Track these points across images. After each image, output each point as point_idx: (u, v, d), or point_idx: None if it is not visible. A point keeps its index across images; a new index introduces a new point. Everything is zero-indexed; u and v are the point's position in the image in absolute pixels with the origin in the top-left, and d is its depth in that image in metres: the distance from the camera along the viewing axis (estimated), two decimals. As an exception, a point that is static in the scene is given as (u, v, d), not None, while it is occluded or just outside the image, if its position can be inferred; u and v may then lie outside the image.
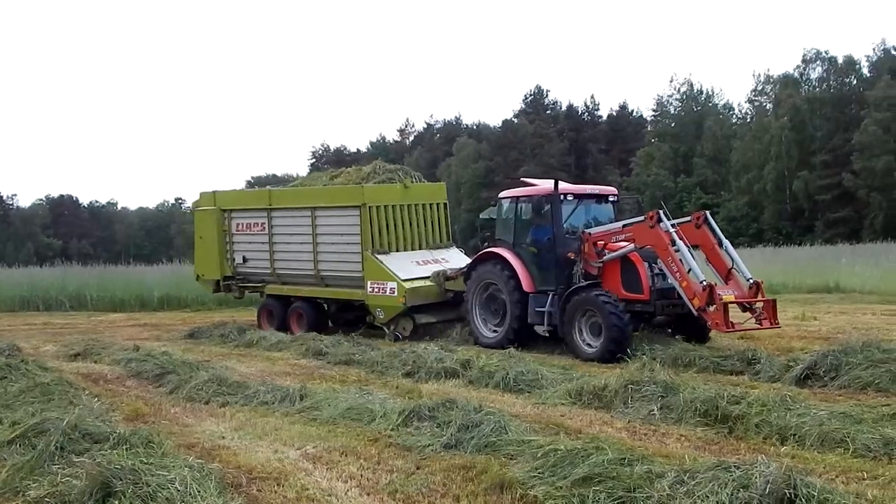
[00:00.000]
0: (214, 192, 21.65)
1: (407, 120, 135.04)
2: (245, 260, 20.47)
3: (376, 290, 17.51)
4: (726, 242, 14.11)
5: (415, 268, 17.82)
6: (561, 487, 6.57)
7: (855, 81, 71.95)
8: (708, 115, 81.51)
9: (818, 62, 73.31)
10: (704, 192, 72.51)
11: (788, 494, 5.52)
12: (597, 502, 6.22)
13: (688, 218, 14.53)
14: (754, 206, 69.64)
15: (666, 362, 12.21)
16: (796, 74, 74.23)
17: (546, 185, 16.30)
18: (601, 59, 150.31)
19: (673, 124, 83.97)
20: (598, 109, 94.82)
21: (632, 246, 14.28)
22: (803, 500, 5.46)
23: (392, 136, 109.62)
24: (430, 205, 19.27)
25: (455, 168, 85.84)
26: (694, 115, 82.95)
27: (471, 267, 16.63)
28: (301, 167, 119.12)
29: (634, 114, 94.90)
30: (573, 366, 13.34)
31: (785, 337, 14.13)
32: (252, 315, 22.82)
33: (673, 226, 13.82)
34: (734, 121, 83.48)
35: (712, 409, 9.05)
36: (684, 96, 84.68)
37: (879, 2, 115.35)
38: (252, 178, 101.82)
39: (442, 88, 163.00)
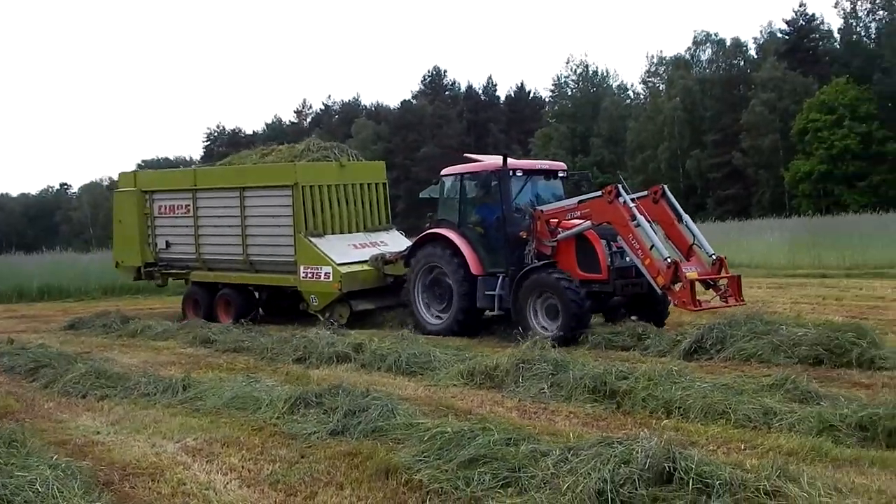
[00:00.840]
0: (135, 173, 20.64)
1: (304, 101, 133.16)
2: (168, 245, 19.35)
3: (310, 275, 16.52)
4: (686, 217, 13.61)
5: (351, 251, 16.89)
6: (446, 470, 6.47)
7: (743, 63, 74.23)
8: (604, 96, 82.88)
9: (708, 44, 75.61)
10: (601, 172, 73.81)
11: (668, 468, 5.53)
12: (481, 483, 6.15)
13: (644, 192, 13.92)
14: (649, 185, 70.86)
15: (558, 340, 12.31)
16: (687, 56, 76.39)
17: (492, 160, 15.47)
18: (499, 39, 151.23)
19: (570, 105, 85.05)
20: (496, 90, 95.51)
21: (588, 223, 13.63)
22: (682, 472, 5.47)
23: (289, 117, 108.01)
24: (368, 184, 18.28)
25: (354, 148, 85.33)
26: (590, 95, 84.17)
27: (412, 249, 15.72)
28: (195, 150, 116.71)
29: (533, 94, 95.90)
30: (467, 346, 13.34)
31: (675, 311, 14.34)
32: (138, 304, 22.20)
33: (632, 200, 13.24)
34: (629, 101, 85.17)
35: (600, 385, 9.12)
36: (580, 77, 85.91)
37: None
38: (143, 161, 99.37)
39: (339, 68, 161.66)
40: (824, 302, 17.16)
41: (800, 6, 70.26)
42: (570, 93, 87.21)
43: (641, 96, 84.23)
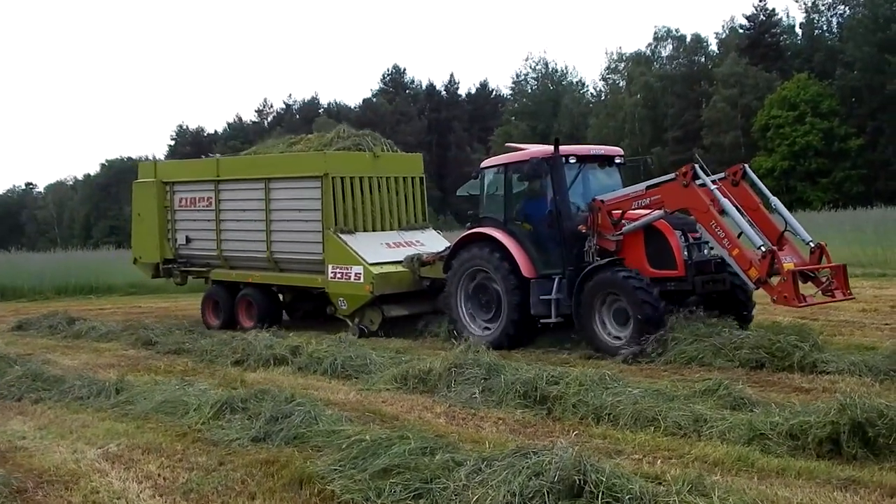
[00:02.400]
0: (155, 162, 19.74)
1: (265, 100, 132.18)
2: (188, 240, 17.82)
3: (339, 275, 14.93)
4: (775, 200, 12.17)
5: (384, 251, 15.26)
6: (359, 480, 6.35)
7: (704, 59, 74.58)
8: (564, 93, 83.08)
9: (669, 40, 75.71)
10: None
11: (578, 481, 5.42)
12: (392, 495, 6.02)
13: (721, 174, 12.21)
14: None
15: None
16: (648, 52, 76.55)
17: (539, 148, 13.85)
18: (460, 37, 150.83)
19: (530, 103, 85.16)
20: (457, 88, 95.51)
21: (660, 212, 11.99)
22: (592, 486, 5.37)
23: (250, 116, 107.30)
24: (404, 178, 16.59)
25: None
26: (550, 93, 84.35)
27: (452, 252, 13.86)
28: (159, 149, 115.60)
29: (495, 92, 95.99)
30: (406, 349, 13.18)
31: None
32: (90, 304, 21.78)
33: (713, 182, 11.70)
34: (590, 99, 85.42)
35: (531, 390, 9.00)
36: (540, 74, 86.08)
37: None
38: (107, 161, 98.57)
39: (299, 67, 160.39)
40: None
41: (760, 1, 70.72)
42: (530, 90, 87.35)
43: (602, 93, 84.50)
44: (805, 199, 54.75)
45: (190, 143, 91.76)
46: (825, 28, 70.70)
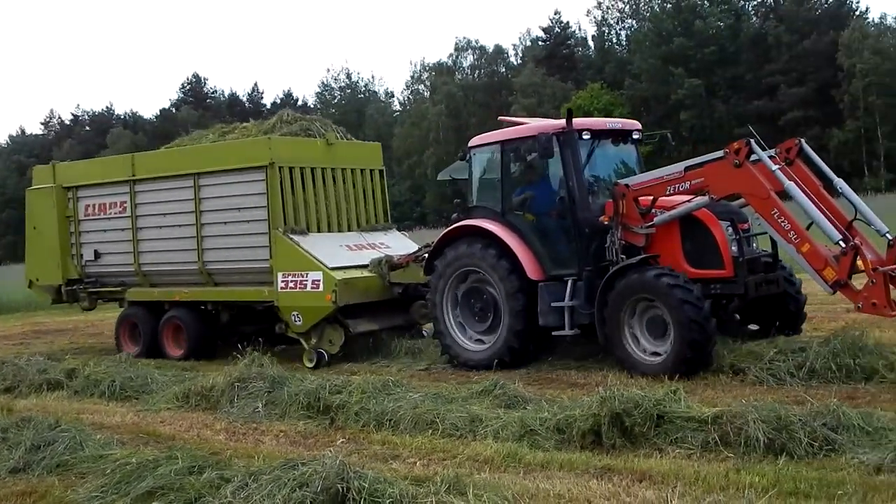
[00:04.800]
0: (53, 164, 16.21)
1: (51, 111, 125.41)
2: (98, 255, 14.84)
3: (291, 284, 12.30)
4: (840, 182, 9.87)
5: (345, 253, 12.84)
6: (120, 505, 6.12)
7: (504, 69, 77.24)
8: (369, 103, 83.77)
9: (469, 50, 78.04)
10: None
11: (341, 489, 5.45)
12: (156, 518, 5.84)
13: (771, 151, 9.74)
14: (417, 191, 72.57)
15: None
16: (450, 62, 78.50)
17: (543, 122, 11.45)
18: (263, 46, 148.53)
19: (336, 113, 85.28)
20: (262, 98, 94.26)
21: (704, 199, 9.82)
22: (355, 492, 5.42)
23: (34, 129, 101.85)
24: (361, 170, 14.14)
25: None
26: (356, 102, 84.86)
27: (436, 250, 11.50)
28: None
29: (301, 101, 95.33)
30: (192, 366, 12.80)
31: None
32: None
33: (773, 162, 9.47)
34: (395, 108, 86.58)
35: (314, 400, 8.96)
36: (344, 84, 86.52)
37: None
38: None
39: (89, 77, 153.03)
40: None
41: (555, 14, 74.03)
42: (335, 101, 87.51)
43: (406, 103, 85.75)
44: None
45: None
46: (615, 41, 74.84)
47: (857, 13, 66.22)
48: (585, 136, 10.74)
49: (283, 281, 12.38)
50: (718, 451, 6.68)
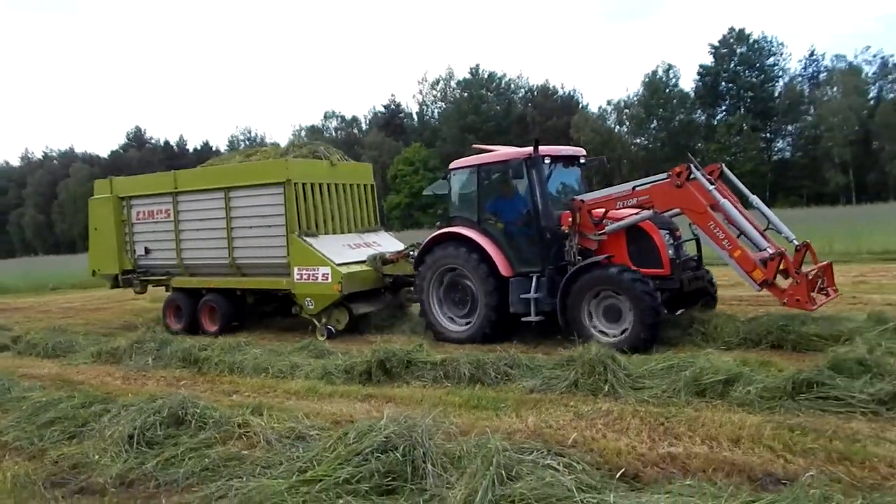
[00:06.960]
0: (111, 179, 14.34)
1: (26, 148, 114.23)
2: (147, 251, 13.44)
3: (305, 276, 11.30)
4: (754, 198, 8.82)
5: (348, 251, 11.83)
6: (28, 430, 5.89)
7: (356, 131, 77.10)
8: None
9: (334, 117, 77.38)
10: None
11: (181, 413, 5.50)
12: (51, 438, 5.69)
13: (697, 173, 8.72)
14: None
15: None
16: (320, 125, 77.52)
17: (510, 150, 10.18)
18: (188, 104, 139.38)
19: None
20: (186, 144, 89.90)
21: (648, 212, 8.74)
22: (190, 416, 5.47)
23: (14, 161, 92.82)
24: (357, 185, 12.92)
25: (72, 186, 76.57)
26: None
27: (425, 249, 10.40)
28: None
29: (216, 148, 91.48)
30: (109, 333, 12.17)
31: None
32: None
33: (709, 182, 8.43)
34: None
35: (188, 355, 8.83)
36: (244, 138, 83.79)
37: (385, 69, 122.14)
38: None
39: (56, 122, 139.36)
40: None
41: (391, 95, 74.43)
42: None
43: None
44: (421, 223, 58.21)
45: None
46: (431, 115, 76.08)
47: (581, 105, 70.11)
48: (547, 161, 9.61)
49: (298, 274, 11.29)
50: (442, 382, 7.00)
